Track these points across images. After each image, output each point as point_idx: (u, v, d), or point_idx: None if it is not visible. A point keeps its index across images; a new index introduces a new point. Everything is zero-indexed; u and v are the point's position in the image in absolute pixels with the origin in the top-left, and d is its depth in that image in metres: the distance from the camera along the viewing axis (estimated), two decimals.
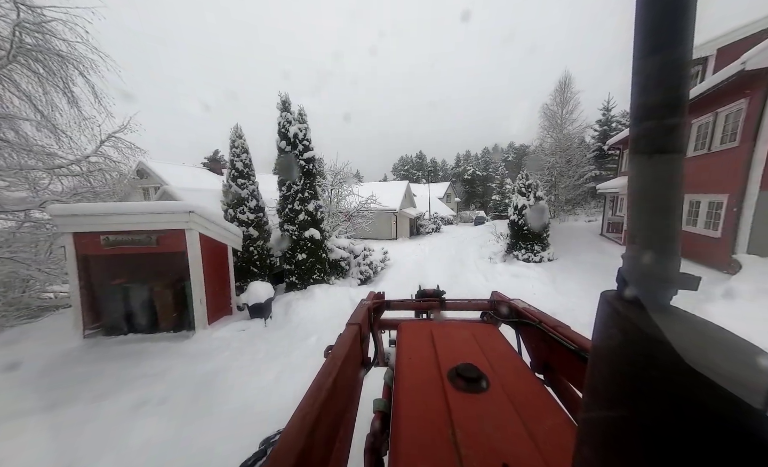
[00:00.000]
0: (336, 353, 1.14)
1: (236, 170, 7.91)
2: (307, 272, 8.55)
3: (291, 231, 8.44)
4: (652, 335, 0.28)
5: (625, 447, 0.30)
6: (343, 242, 10.41)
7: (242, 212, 7.95)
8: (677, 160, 0.32)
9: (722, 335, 0.29)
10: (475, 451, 0.77)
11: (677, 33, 0.30)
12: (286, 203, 8.43)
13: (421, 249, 18.17)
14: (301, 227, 8.41)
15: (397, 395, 1.05)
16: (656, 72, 0.32)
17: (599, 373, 0.35)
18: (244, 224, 7.94)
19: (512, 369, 1.18)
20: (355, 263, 10.41)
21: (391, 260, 13.82)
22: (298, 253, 8.43)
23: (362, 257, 10.48)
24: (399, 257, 15.03)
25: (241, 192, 7.91)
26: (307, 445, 0.66)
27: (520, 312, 1.71)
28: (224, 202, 8.04)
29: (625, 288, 0.35)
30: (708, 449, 0.23)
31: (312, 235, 8.42)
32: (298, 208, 8.36)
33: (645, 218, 0.34)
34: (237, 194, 7.90)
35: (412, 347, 1.40)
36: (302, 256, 8.39)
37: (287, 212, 8.44)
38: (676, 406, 0.25)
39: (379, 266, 11.32)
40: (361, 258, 10.46)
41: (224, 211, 8.04)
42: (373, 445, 1.02)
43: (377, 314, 2.08)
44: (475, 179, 60.28)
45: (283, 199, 8.50)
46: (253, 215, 8.09)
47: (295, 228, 8.41)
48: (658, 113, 0.32)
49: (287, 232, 8.48)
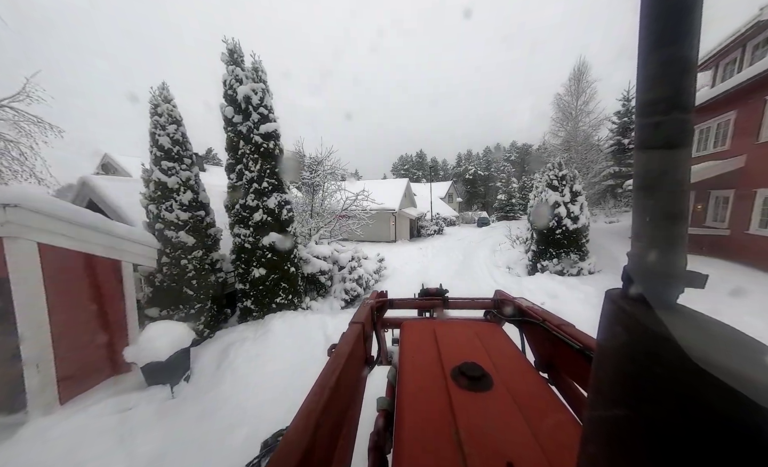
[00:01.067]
0: (339, 351, 1.12)
1: (160, 149, 5.44)
2: (268, 294, 6.08)
3: (243, 237, 5.96)
4: (658, 334, 0.28)
5: (631, 446, 0.30)
6: (324, 249, 7.95)
7: (170, 209, 5.47)
8: (684, 155, 0.32)
9: (729, 333, 0.29)
10: (479, 450, 0.76)
11: (683, 27, 0.29)
12: (237, 196, 5.95)
13: (423, 254, 15.71)
14: (257, 231, 5.94)
15: (400, 393, 1.05)
16: (662, 67, 0.31)
17: (604, 372, 0.35)
18: (173, 227, 5.47)
19: (516, 368, 1.17)
20: (340, 277, 7.95)
21: (388, 269, 11.36)
22: (254, 268, 5.96)
23: (349, 270, 8.01)
24: (398, 264, 12.58)
25: (167, 180, 5.43)
26: (311, 443, 0.66)
27: (524, 311, 1.67)
28: (144, 195, 5.56)
29: (631, 286, 0.35)
30: (714, 448, 0.23)
31: (273, 242, 5.95)
32: (253, 204, 5.88)
33: (651, 215, 0.34)
34: (161, 183, 5.43)
35: (415, 345, 1.41)
36: (259, 272, 5.91)
37: (238, 210, 5.96)
38: (682, 405, 0.25)
39: (372, 279, 8.86)
40: (347, 271, 8.00)
41: (144, 208, 5.56)
42: (377, 444, 1.01)
43: (380, 312, 2.09)
44: (476, 178, 58.66)
45: (231, 190, 6.02)
46: (187, 214, 5.61)
47: (249, 233, 5.93)
48: (663, 108, 0.31)
49: (238, 237, 6.01)
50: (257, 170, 5.82)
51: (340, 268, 8.16)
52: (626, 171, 24.49)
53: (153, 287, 5.50)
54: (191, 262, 5.65)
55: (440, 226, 26.49)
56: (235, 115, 5.69)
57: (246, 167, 5.84)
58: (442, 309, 2.21)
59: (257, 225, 5.91)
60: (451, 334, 1.49)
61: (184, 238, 5.54)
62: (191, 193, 5.71)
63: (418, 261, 13.65)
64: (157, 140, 5.43)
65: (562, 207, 8.96)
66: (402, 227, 23.33)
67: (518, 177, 47.55)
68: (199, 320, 5.68)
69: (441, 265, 12.51)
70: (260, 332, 5.38)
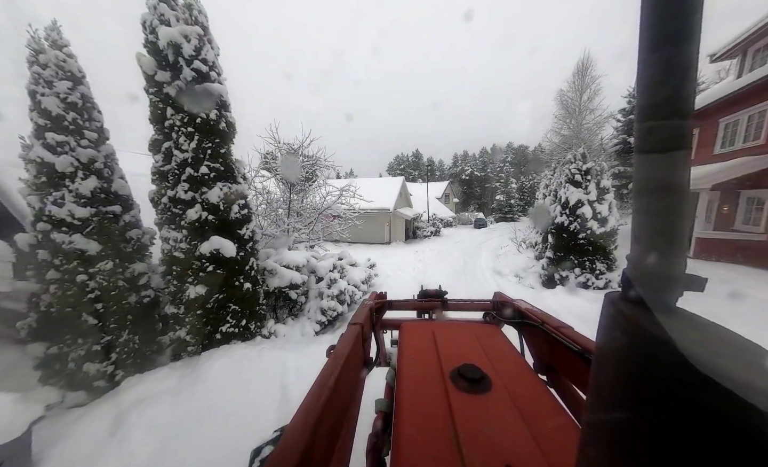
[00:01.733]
0: (338, 352, 1.11)
1: (44, 116, 3.76)
2: (211, 321, 4.44)
3: (174, 243, 4.30)
4: (657, 337, 0.28)
5: (630, 450, 0.30)
6: (298, 256, 6.32)
7: (58, 201, 3.79)
8: (683, 158, 0.32)
9: (728, 337, 0.29)
10: (478, 452, 0.76)
11: (684, 30, 0.30)
12: (164, 186, 4.29)
13: (419, 258, 14.18)
14: (193, 235, 4.29)
15: (399, 395, 1.05)
16: (662, 70, 0.31)
17: (603, 374, 0.35)
18: (63, 227, 3.80)
19: (515, 370, 1.17)
20: (316, 291, 6.34)
21: (380, 276, 9.80)
22: (189, 284, 4.31)
23: (328, 283, 6.40)
24: (391, 270, 11.03)
25: (54, 161, 3.76)
26: (309, 444, 0.65)
27: (523, 313, 1.67)
28: (27, 183, 3.87)
29: (630, 289, 0.35)
30: (714, 451, 0.23)
31: (217, 250, 4.32)
32: (186, 196, 4.23)
33: (650, 218, 0.34)
34: (46, 165, 3.75)
35: (414, 347, 1.41)
36: (197, 291, 4.27)
37: (166, 205, 4.30)
38: (681, 408, 0.25)
39: (358, 292, 7.27)
40: (326, 284, 6.39)
41: (24, 198, 3.88)
42: (375, 445, 1.00)
43: (379, 314, 2.06)
44: (473, 179, 57.83)
45: (157, 178, 4.35)
46: (87, 210, 3.94)
47: (182, 237, 4.28)
48: (663, 112, 0.31)
49: (167, 242, 4.35)
50: (192, 149, 4.17)
51: (318, 279, 6.55)
52: (632, 171, 23.33)
53: (38, 314, 3.83)
54: (94, 278, 3.98)
55: (437, 227, 25.02)
56: (159, 71, 4.03)
57: (177, 145, 4.18)
58: (441, 311, 2.14)
59: (193, 226, 4.27)
60: (450, 336, 1.50)
61: (81, 244, 3.86)
62: (96, 180, 4.04)
63: (413, 266, 12.09)
64: (39, 102, 3.75)
65: (587, 207, 7.48)
66: (397, 229, 21.80)
67: (516, 178, 46.45)
68: (107, 360, 4.02)
69: (440, 271, 10.97)
70: (189, 379, 3.74)
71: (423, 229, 23.64)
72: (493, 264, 12.20)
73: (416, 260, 13.51)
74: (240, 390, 3.61)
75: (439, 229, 25.30)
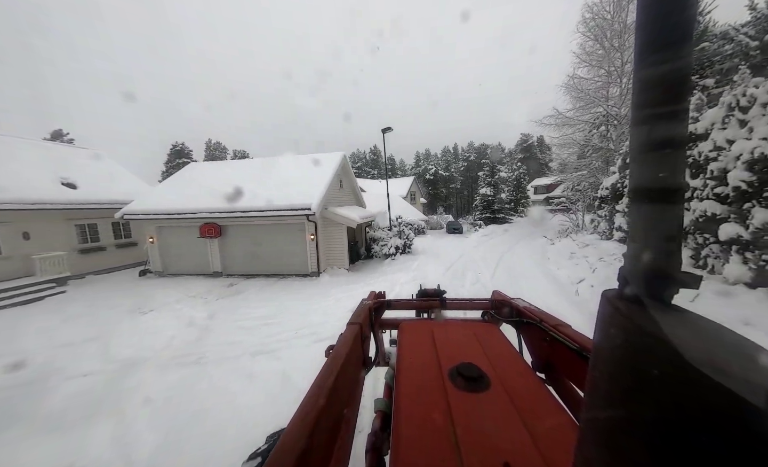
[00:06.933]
0: (337, 352, 1.12)
1: None
2: None
3: None
4: (653, 334, 0.28)
5: (627, 447, 0.30)
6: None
7: None
8: (678, 156, 0.32)
9: (724, 334, 0.29)
10: (476, 450, 0.76)
11: (678, 33, 0.30)
12: None
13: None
14: None
15: (398, 394, 1.06)
16: (657, 72, 0.31)
17: (601, 372, 0.35)
18: None
19: (513, 369, 1.17)
20: None
21: None
22: None
23: None
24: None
25: None
26: (307, 445, 0.65)
27: (521, 311, 1.67)
28: None
29: (626, 287, 0.34)
30: (710, 448, 0.23)
31: None
32: None
33: (646, 216, 0.34)
34: None
35: (412, 346, 1.41)
36: None
37: None
38: (678, 405, 0.25)
39: None
40: None
41: None
42: (374, 445, 1.01)
43: (378, 313, 2.06)
44: (438, 179, 50.60)
45: None
46: None
47: None
48: (659, 110, 0.32)
49: None
50: None
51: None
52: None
53: None
54: None
55: (407, 237, 14.82)
56: None
57: None
58: (439, 310, 2.16)
59: None
60: (448, 335, 1.51)
61: None
62: None
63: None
64: None
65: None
66: (332, 244, 11.42)
67: (509, 166, 38.61)
68: None
69: None
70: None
71: (382, 241, 13.52)
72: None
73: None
74: None
75: (410, 241, 14.99)
